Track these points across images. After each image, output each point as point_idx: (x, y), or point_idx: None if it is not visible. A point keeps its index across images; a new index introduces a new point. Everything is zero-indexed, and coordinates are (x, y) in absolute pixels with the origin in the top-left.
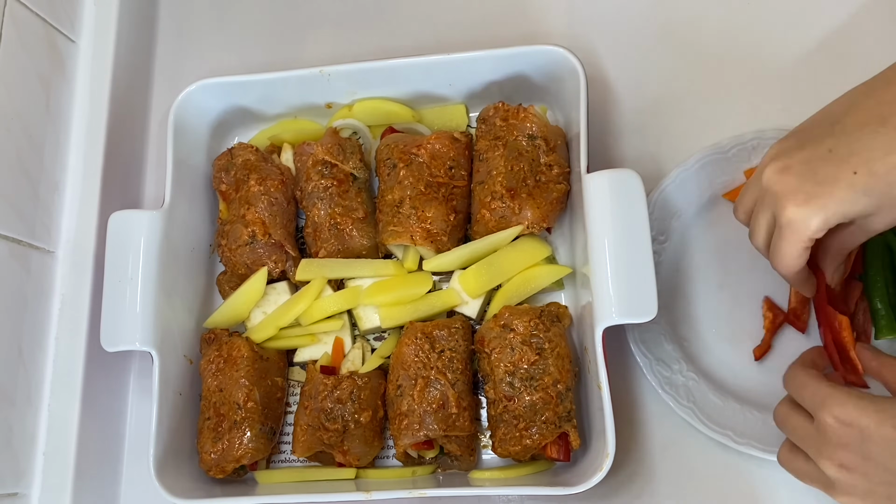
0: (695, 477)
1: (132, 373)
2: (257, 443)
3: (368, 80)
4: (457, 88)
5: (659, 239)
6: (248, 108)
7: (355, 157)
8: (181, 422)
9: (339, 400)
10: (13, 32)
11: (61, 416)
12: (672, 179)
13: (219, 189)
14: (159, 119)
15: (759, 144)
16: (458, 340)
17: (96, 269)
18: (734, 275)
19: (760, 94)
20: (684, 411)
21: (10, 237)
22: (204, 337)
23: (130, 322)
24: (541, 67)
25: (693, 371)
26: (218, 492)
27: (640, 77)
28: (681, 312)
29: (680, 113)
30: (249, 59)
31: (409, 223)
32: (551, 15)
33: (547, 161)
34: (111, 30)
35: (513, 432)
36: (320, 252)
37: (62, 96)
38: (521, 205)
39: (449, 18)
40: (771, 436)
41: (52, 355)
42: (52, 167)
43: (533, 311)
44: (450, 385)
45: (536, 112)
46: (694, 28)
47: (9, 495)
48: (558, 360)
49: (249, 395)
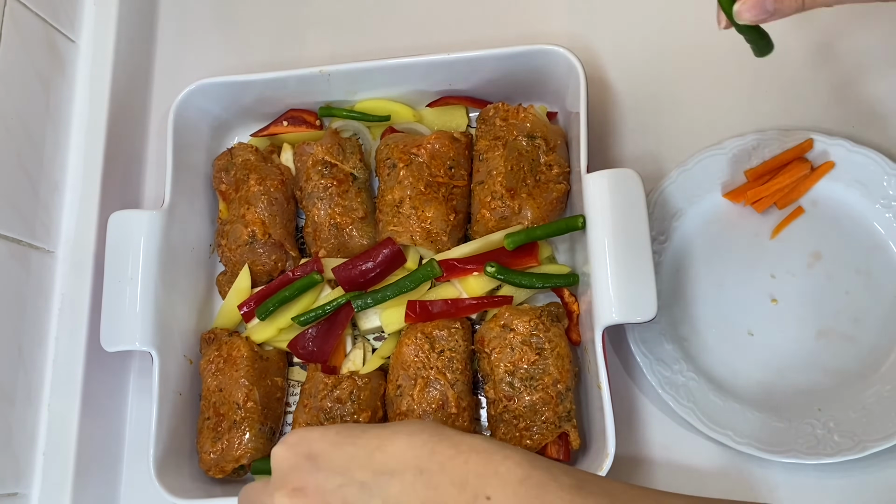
0: (695, 477)
1: (132, 373)
2: (257, 443)
3: (368, 80)
4: (457, 88)
5: (659, 239)
6: (248, 108)
7: (355, 157)
8: (181, 422)
9: (339, 400)
10: (13, 32)
11: (61, 416)
12: (672, 179)
13: (219, 189)
14: (159, 119)
15: (759, 144)
16: (458, 340)
17: (96, 268)
18: (734, 275)
19: (760, 94)
20: (684, 411)
21: (10, 237)
22: (204, 337)
23: (130, 322)
24: (541, 67)
25: (693, 371)
26: (218, 492)
27: (640, 77)
28: (681, 312)
29: (680, 113)
30: (249, 59)
31: (409, 223)
32: (551, 15)
33: (547, 161)
34: (111, 30)
35: (513, 432)
36: (320, 252)
37: (62, 96)
38: (521, 205)
39: (449, 18)
40: (771, 436)
41: (52, 355)
42: (52, 167)
43: (533, 311)
44: (449, 385)
45: (536, 112)
46: (694, 28)
47: (9, 495)
48: (558, 360)
49: (249, 395)
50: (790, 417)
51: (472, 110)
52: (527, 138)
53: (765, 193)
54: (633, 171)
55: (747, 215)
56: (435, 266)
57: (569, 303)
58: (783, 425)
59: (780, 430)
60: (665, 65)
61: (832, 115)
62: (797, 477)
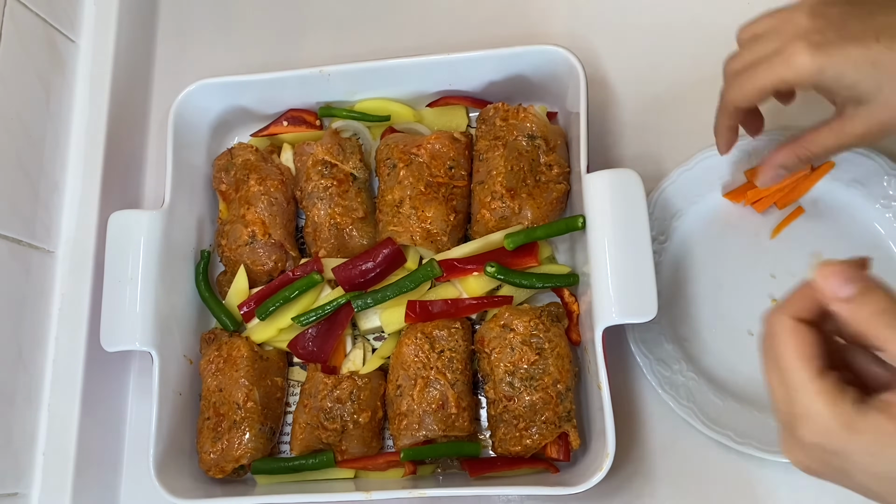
0: (695, 477)
1: (132, 373)
2: (257, 443)
3: (368, 80)
4: (457, 88)
5: (659, 239)
6: (248, 108)
7: (355, 157)
8: (181, 422)
9: (339, 400)
10: (13, 32)
11: (61, 416)
12: (672, 179)
13: (219, 189)
14: (159, 119)
15: (759, 144)
16: (458, 340)
17: (96, 269)
18: (734, 275)
19: None
20: (684, 411)
21: (10, 237)
22: (204, 337)
23: (130, 322)
24: (541, 67)
25: (693, 371)
26: (218, 492)
27: (640, 77)
28: (681, 312)
29: (680, 113)
30: (249, 59)
31: (409, 223)
32: (551, 15)
33: (547, 161)
34: (111, 30)
35: (513, 432)
36: (320, 252)
37: (62, 96)
38: (521, 205)
39: (449, 18)
40: (771, 436)
41: (51, 355)
42: (52, 167)
43: (533, 311)
44: (449, 385)
45: (536, 112)
46: (694, 28)
47: (9, 495)
48: (558, 360)
49: (249, 395)
50: None
51: (472, 110)
52: (527, 138)
53: (765, 193)
54: (633, 171)
55: (747, 215)
56: (435, 266)
57: (569, 303)
58: None
59: None
60: (665, 65)
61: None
62: (797, 477)
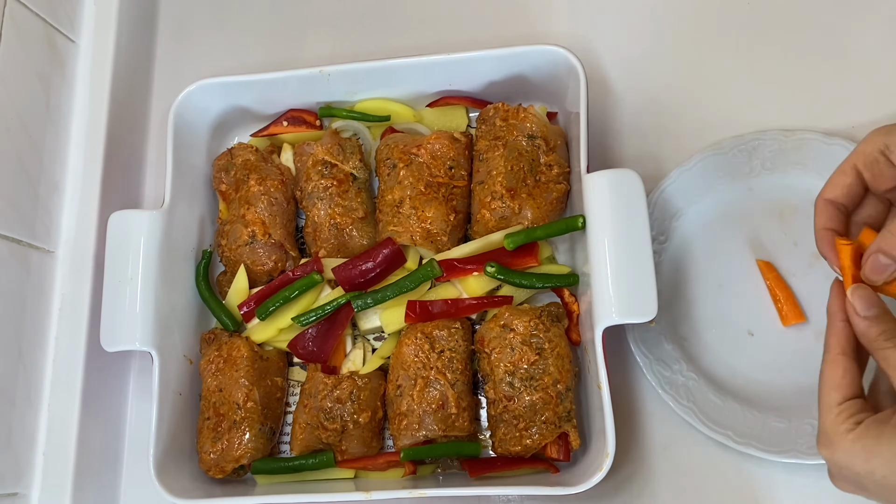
0: (695, 477)
1: (132, 373)
2: (256, 443)
3: (368, 80)
4: (457, 88)
5: (659, 239)
6: (248, 108)
7: (355, 157)
8: (181, 422)
9: (339, 400)
10: (13, 32)
11: (61, 416)
12: (672, 179)
13: (219, 189)
14: (159, 119)
15: (759, 145)
16: (458, 340)
17: (96, 269)
18: (734, 275)
19: (760, 94)
20: (684, 411)
21: (10, 237)
22: (204, 337)
23: (130, 322)
24: (541, 67)
25: (693, 371)
26: (218, 492)
27: (640, 77)
28: (681, 312)
29: (680, 113)
30: (249, 59)
31: (409, 223)
32: (551, 15)
33: (547, 161)
34: (111, 30)
35: (513, 432)
36: (320, 252)
37: (62, 96)
38: (521, 205)
39: (449, 18)
40: (771, 436)
41: (51, 355)
42: (52, 167)
43: (533, 311)
44: (449, 385)
45: (536, 112)
46: (694, 28)
47: (9, 495)
48: (558, 360)
49: (249, 395)
50: (790, 417)
51: (472, 110)
52: (527, 138)
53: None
54: (633, 171)
55: (747, 215)
56: (435, 266)
57: (569, 303)
58: (783, 425)
59: (780, 430)
60: (665, 65)
61: (832, 115)
62: (797, 477)
